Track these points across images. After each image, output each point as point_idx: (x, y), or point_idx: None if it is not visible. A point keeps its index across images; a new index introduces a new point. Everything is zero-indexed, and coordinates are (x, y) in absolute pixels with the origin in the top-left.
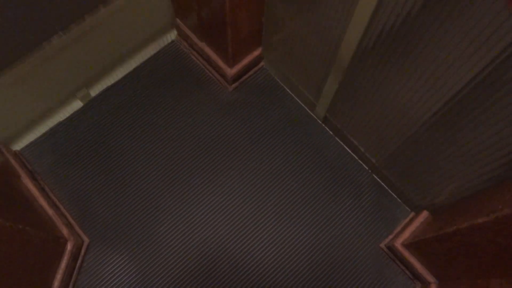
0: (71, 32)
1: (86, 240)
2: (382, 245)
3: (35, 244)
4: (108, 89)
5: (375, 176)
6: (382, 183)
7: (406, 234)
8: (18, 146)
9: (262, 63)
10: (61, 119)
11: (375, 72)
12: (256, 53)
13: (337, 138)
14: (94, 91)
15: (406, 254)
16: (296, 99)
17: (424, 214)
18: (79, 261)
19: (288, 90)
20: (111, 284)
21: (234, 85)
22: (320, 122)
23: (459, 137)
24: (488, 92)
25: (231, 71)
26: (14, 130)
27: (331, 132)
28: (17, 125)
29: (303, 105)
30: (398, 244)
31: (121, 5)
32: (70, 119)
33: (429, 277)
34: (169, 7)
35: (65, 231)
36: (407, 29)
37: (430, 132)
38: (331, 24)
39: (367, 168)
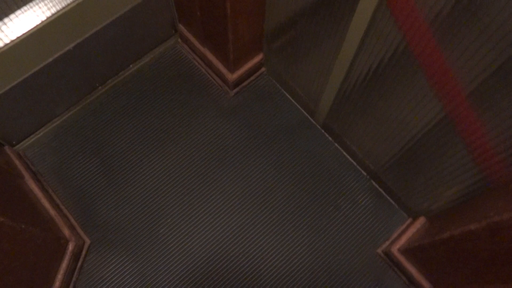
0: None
1: (88, 241)
2: (379, 250)
3: (37, 244)
4: (111, 92)
5: (373, 182)
6: (380, 189)
7: (403, 240)
8: (22, 146)
9: (263, 69)
10: (65, 120)
11: (370, 87)
12: (257, 59)
13: (336, 144)
14: (97, 94)
15: (403, 260)
16: (296, 104)
17: (421, 220)
18: (80, 262)
19: (288, 96)
20: (112, 285)
21: (235, 90)
22: (320, 128)
23: (455, 144)
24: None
25: (232, 77)
26: (19, 131)
27: (330, 138)
28: (21, 125)
29: (303, 110)
30: (394, 250)
31: (126, 12)
32: (73, 120)
33: (425, 283)
34: (172, 13)
35: (66, 232)
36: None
37: (427, 140)
38: (329, 34)
39: (365, 174)
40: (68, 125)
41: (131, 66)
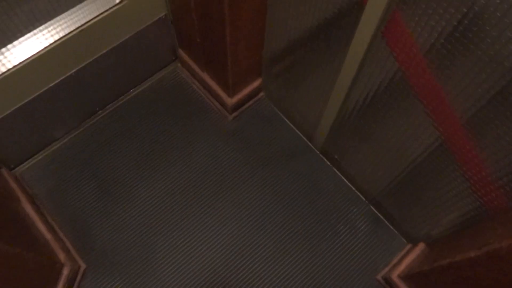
0: None
1: (83, 265)
2: (378, 277)
3: (31, 268)
4: (110, 116)
5: (372, 207)
6: (379, 214)
7: (403, 266)
8: (20, 169)
9: (261, 94)
10: (63, 144)
11: (368, 113)
12: (256, 83)
13: (334, 169)
14: (97, 118)
15: (403, 286)
16: (295, 129)
17: (421, 246)
18: (74, 287)
19: (286, 120)
20: None
21: (234, 114)
22: (318, 153)
23: (452, 171)
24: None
25: (231, 101)
26: (17, 154)
27: (328, 163)
28: (20, 149)
29: (301, 135)
30: (394, 276)
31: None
32: (72, 144)
33: None
34: (172, 39)
35: (62, 256)
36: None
37: (424, 166)
38: (326, 62)
39: (364, 199)
40: (66, 149)
41: (131, 91)
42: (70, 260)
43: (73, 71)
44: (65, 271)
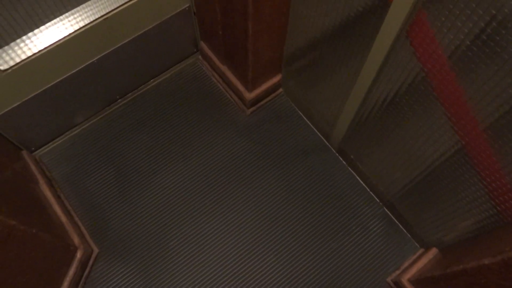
0: None
1: (96, 250)
2: (388, 279)
3: (46, 249)
4: (130, 105)
5: (386, 209)
6: (393, 217)
7: (414, 270)
8: (40, 152)
9: (280, 90)
10: (83, 130)
11: (387, 114)
12: (275, 79)
13: (350, 169)
14: (117, 106)
15: None
16: (312, 127)
17: (433, 251)
18: (87, 270)
19: (304, 118)
20: None
21: (251, 109)
22: (334, 152)
23: (470, 176)
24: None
25: (249, 95)
26: (38, 137)
27: (344, 162)
28: (40, 132)
29: (318, 133)
30: (405, 280)
31: (150, 29)
32: (92, 130)
33: None
34: (195, 31)
35: (76, 239)
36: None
37: (442, 170)
38: (348, 60)
39: (378, 201)
40: (86, 135)
41: (151, 80)
42: (83, 243)
43: (95, 58)
44: (79, 255)
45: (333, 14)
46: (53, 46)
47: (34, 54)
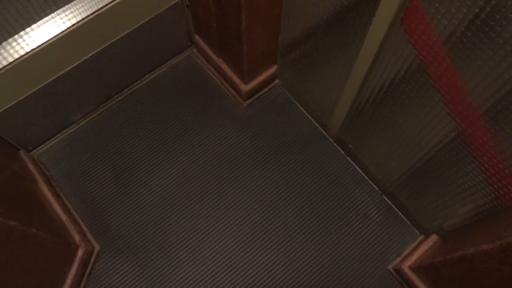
0: None
1: (97, 247)
2: (389, 267)
3: (47, 249)
4: (126, 101)
5: (385, 198)
6: (392, 205)
7: (414, 257)
8: (38, 152)
9: (277, 81)
10: (80, 127)
11: (383, 102)
12: (271, 70)
13: (348, 158)
14: (113, 102)
15: (414, 277)
16: (309, 117)
17: (433, 237)
18: (89, 268)
19: (301, 108)
20: None
21: (248, 101)
22: (332, 141)
23: (468, 162)
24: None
25: (246, 88)
26: (35, 136)
27: (342, 152)
28: (37, 131)
29: (316, 123)
30: (405, 267)
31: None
32: (89, 127)
33: None
34: (188, 24)
35: (77, 238)
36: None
37: (440, 157)
38: (343, 49)
39: (377, 189)
40: (83, 132)
41: (147, 76)
42: (84, 241)
43: (90, 55)
44: (80, 253)
45: (326, 3)
46: (46, 44)
47: (27, 53)
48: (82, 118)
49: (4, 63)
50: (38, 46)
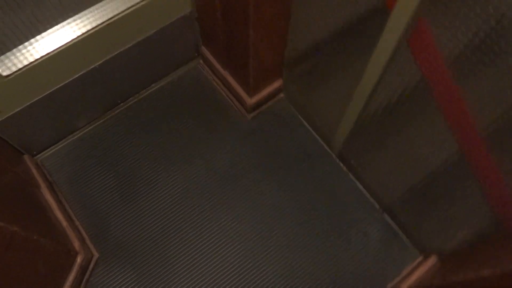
0: None
1: (96, 254)
2: (389, 286)
3: (47, 255)
4: (131, 109)
5: (386, 215)
6: (392, 223)
7: (413, 278)
8: (42, 156)
9: (281, 94)
10: (85, 134)
11: (388, 120)
12: (276, 84)
13: (350, 175)
14: (118, 110)
15: None
16: (313, 132)
17: (433, 259)
18: (87, 275)
19: (305, 123)
20: None
21: (252, 114)
22: (335, 157)
23: (470, 185)
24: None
25: (250, 101)
26: (40, 141)
27: (345, 168)
28: (42, 136)
29: (319, 138)
30: (404, 287)
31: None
32: (93, 134)
33: None
34: (196, 36)
35: (76, 244)
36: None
37: (442, 178)
38: (349, 65)
39: (378, 207)
40: (87, 139)
41: (153, 85)
42: (84, 248)
43: (98, 63)
44: (79, 259)
45: (333, 20)
46: (55, 52)
47: (36, 60)
48: (87, 125)
49: (14, 69)
50: (47, 54)
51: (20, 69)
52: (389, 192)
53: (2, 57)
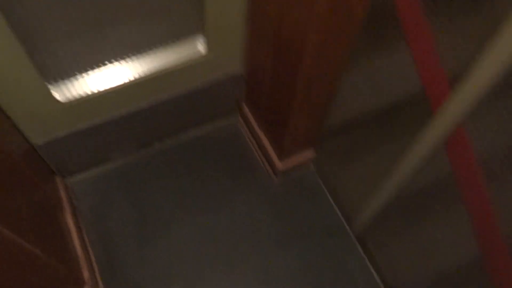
0: None
1: (102, 287)
2: None
3: (58, 281)
4: (165, 150)
5: None
6: None
7: None
8: (69, 180)
9: (311, 165)
10: (116, 166)
11: (413, 212)
12: (308, 154)
13: (366, 259)
14: (153, 149)
15: None
16: (336, 208)
17: None
18: None
19: (330, 198)
20: None
21: (280, 179)
22: (354, 238)
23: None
24: None
25: (280, 165)
26: (72, 165)
27: (361, 252)
28: (76, 162)
29: (341, 216)
30: None
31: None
32: (124, 168)
33: None
34: (240, 92)
35: (86, 274)
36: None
37: (459, 276)
38: (385, 151)
39: None
40: (117, 172)
41: (190, 131)
42: (92, 279)
43: (145, 105)
44: None
45: (374, 105)
46: (111, 89)
47: (93, 93)
48: (120, 159)
49: (70, 96)
50: (104, 89)
51: (76, 98)
52: (405, 285)
53: (61, 82)
